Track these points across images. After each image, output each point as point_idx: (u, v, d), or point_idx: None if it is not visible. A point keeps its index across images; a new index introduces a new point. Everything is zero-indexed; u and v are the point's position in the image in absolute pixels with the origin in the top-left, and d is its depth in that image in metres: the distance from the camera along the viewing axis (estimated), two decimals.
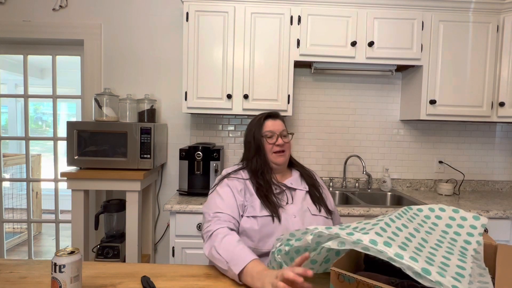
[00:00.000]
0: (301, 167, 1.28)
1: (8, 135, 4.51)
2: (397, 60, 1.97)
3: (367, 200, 2.11)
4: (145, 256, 2.12)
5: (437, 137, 2.32)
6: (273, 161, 1.18)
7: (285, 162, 1.21)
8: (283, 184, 1.17)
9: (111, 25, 2.19)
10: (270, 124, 1.20)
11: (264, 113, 1.24)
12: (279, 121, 1.23)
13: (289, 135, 1.23)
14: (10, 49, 2.27)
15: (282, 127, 1.21)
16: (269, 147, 1.18)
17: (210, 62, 1.91)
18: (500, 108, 1.98)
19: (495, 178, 2.36)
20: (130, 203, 1.85)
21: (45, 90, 4.22)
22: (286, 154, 1.19)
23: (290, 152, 1.23)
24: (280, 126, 1.21)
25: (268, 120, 1.21)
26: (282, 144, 1.17)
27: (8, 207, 3.41)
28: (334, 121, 2.29)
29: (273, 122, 1.21)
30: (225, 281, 0.89)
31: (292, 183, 1.18)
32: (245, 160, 1.23)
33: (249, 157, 1.20)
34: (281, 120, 1.24)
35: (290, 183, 1.18)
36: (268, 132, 1.19)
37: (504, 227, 1.76)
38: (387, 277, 0.67)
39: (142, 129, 1.84)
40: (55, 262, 0.74)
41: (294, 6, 1.91)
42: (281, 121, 1.24)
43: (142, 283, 0.86)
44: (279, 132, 1.19)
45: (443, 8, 1.95)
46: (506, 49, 1.95)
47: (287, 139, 1.21)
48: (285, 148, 1.19)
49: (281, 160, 1.18)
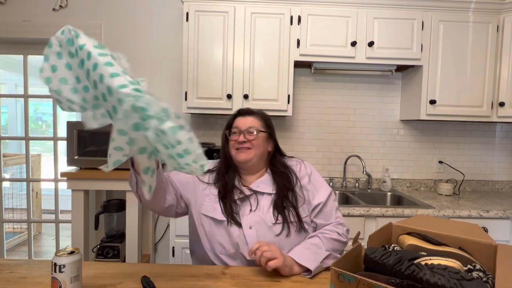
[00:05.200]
0: (283, 167, 1.14)
1: (8, 135, 4.51)
2: (397, 60, 1.97)
3: (367, 200, 2.11)
4: (145, 256, 2.12)
5: (437, 137, 2.32)
6: (235, 158, 1.10)
7: (249, 159, 1.09)
8: (249, 187, 1.09)
9: (111, 25, 2.19)
10: (238, 121, 1.13)
11: (236, 111, 1.19)
12: (251, 118, 1.13)
13: (259, 132, 1.11)
14: (10, 49, 2.27)
15: (251, 123, 1.11)
16: (231, 143, 1.12)
17: (210, 62, 1.91)
18: (500, 108, 1.98)
19: (495, 178, 2.36)
20: (130, 203, 1.85)
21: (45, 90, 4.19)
22: (250, 152, 1.09)
23: (260, 150, 1.11)
24: (249, 123, 1.12)
25: (237, 117, 1.15)
26: (242, 141, 1.08)
27: (8, 207, 3.40)
28: (334, 121, 2.29)
29: (241, 119, 1.14)
30: (225, 281, 0.89)
31: (259, 186, 1.09)
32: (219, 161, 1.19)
33: (220, 158, 1.17)
34: (256, 117, 1.14)
35: (257, 186, 1.09)
36: (234, 129, 1.13)
37: (504, 227, 1.76)
38: (387, 277, 0.67)
39: None
40: (55, 262, 0.74)
41: (294, 6, 1.91)
42: (256, 118, 1.14)
43: (142, 283, 0.86)
44: (244, 128, 1.10)
45: (443, 8, 1.94)
46: (506, 49, 1.95)
47: (252, 136, 1.09)
48: (250, 146, 1.09)
49: (241, 156, 1.08)
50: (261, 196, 1.08)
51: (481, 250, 0.79)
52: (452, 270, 0.64)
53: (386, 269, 0.68)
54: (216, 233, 1.04)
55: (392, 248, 0.84)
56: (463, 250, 0.80)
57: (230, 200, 1.06)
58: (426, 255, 0.75)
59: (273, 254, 0.90)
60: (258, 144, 1.11)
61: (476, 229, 0.88)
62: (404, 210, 1.73)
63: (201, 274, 0.93)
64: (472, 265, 0.72)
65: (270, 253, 0.89)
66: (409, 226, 0.90)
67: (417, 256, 0.74)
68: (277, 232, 1.02)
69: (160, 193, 1.01)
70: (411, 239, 0.84)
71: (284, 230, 1.03)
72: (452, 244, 0.82)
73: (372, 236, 0.82)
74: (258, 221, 1.03)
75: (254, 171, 1.14)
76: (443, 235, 0.84)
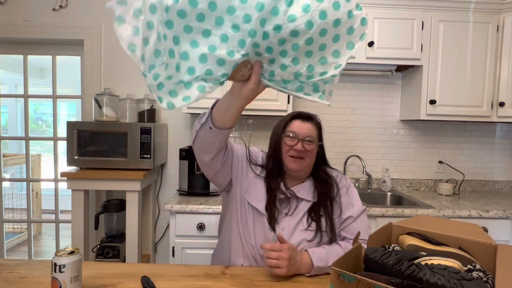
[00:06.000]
0: (326, 176, 1.13)
1: (8, 135, 4.51)
2: (397, 60, 1.97)
3: (367, 200, 2.11)
4: (145, 256, 2.12)
5: (437, 137, 2.32)
6: (286, 165, 1.07)
7: (301, 169, 1.07)
8: (291, 191, 1.08)
9: (111, 25, 2.18)
10: (296, 125, 1.07)
11: (295, 112, 1.12)
12: (309, 124, 1.08)
13: (314, 144, 1.06)
14: (10, 49, 2.27)
15: (309, 132, 1.06)
16: (286, 148, 1.06)
17: None
18: (500, 108, 1.98)
19: (495, 178, 2.36)
20: (130, 203, 1.85)
21: (45, 90, 4.21)
22: (303, 162, 1.06)
23: (311, 161, 1.09)
24: (307, 130, 1.06)
25: (296, 120, 1.09)
26: (300, 150, 1.04)
27: (8, 207, 3.41)
28: (334, 121, 2.29)
29: (300, 124, 1.07)
30: (225, 281, 0.89)
31: (299, 191, 1.08)
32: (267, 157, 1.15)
33: (268, 155, 1.13)
34: (314, 125, 1.09)
35: (297, 191, 1.08)
36: (290, 132, 1.06)
37: (504, 227, 1.76)
38: (387, 277, 0.67)
39: (142, 129, 1.84)
40: (55, 262, 0.74)
41: None
42: (313, 126, 1.09)
43: (142, 283, 0.86)
44: (302, 136, 1.04)
45: (443, 8, 1.94)
46: (506, 49, 1.95)
47: (310, 147, 1.05)
48: (305, 155, 1.05)
49: (295, 166, 1.05)
50: (300, 202, 1.08)
51: (481, 250, 0.79)
52: (452, 270, 0.64)
53: (386, 269, 0.68)
54: (250, 223, 1.05)
55: (392, 248, 0.84)
56: (463, 250, 0.80)
57: (274, 198, 1.06)
58: (426, 255, 0.75)
59: (278, 264, 0.90)
60: (313, 155, 1.08)
61: (476, 229, 0.88)
62: (404, 210, 1.73)
63: (201, 274, 0.94)
64: (472, 265, 0.72)
65: (275, 262, 0.90)
66: (409, 226, 0.90)
67: (417, 256, 0.74)
68: (308, 238, 1.03)
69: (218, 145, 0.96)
70: (411, 239, 0.84)
71: (316, 237, 1.04)
72: (452, 244, 0.82)
73: (372, 236, 0.82)
74: (292, 225, 1.04)
75: (299, 178, 1.12)
76: (443, 235, 0.84)
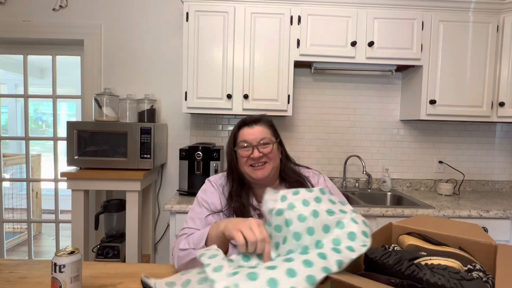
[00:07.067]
0: (297, 176, 1.07)
1: (8, 135, 4.51)
2: (397, 60, 1.97)
3: (367, 200, 2.11)
4: (145, 256, 2.12)
5: (437, 137, 2.32)
6: (250, 176, 1.00)
7: (267, 175, 1.00)
8: None
9: (111, 25, 2.19)
10: (245, 133, 1.01)
11: (239, 121, 1.05)
12: (258, 127, 1.02)
13: (273, 143, 1.01)
14: (10, 49, 2.27)
15: (261, 134, 1.01)
16: (243, 160, 1.00)
17: (210, 62, 1.91)
18: (500, 108, 1.98)
19: (495, 178, 2.36)
20: (130, 203, 1.85)
21: (45, 90, 4.22)
22: (267, 167, 1.00)
23: (276, 162, 1.03)
24: (258, 133, 1.00)
25: (243, 128, 1.03)
26: (258, 157, 0.98)
27: (8, 207, 3.41)
28: (334, 121, 2.29)
29: (248, 130, 1.01)
30: None
31: None
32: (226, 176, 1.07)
33: (227, 174, 1.06)
34: (264, 125, 1.04)
35: None
36: (242, 142, 1.00)
37: (504, 227, 1.76)
38: (387, 277, 0.67)
39: (142, 129, 1.84)
40: (55, 262, 0.74)
41: (294, 6, 1.91)
42: (263, 126, 1.03)
43: (142, 283, 0.85)
44: (256, 142, 0.99)
45: (443, 8, 1.94)
46: (506, 49, 1.95)
47: (267, 149, 0.99)
48: (266, 159, 0.99)
49: (259, 174, 0.99)
50: None
51: (481, 250, 0.79)
52: (452, 270, 0.64)
53: (386, 269, 0.68)
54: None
55: (392, 248, 0.84)
56: (463, 250, 0.80)
57: None
58: (426, 255, 0.75)
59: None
60: (274, 156, 1.02)
61: (476, 229, 0.88)
62: (404, 210, 1.73)
63: None
64: (472, 265, 0.72)
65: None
66: (409, 226, 0.90)
67: (417, 256, 0.74)
68: None
69: None
70: (411, 239, 0.84)
71: None
72: (452, 244, 0.82)
73: (372, 236, 0.82)
74: None
75: (268, 185, 1.02)
76: (443, 235, 0.84)
